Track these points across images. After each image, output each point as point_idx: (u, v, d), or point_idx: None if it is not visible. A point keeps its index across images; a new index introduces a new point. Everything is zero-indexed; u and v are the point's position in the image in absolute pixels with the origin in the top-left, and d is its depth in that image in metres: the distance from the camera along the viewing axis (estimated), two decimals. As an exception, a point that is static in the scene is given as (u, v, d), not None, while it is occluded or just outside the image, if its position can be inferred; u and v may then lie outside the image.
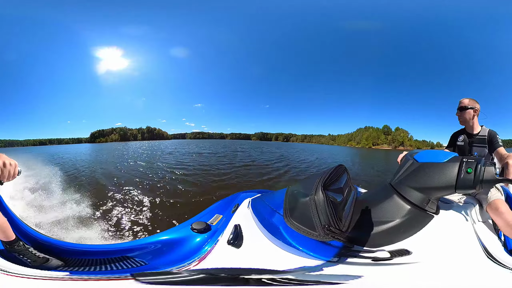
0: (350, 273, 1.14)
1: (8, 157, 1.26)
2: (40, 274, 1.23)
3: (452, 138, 2.58)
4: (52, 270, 1.36)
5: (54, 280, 1.21)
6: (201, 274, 1.23)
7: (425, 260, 1.15)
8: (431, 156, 1.46)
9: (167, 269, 1.37)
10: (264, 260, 1.24)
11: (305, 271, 1.17)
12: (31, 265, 1.38)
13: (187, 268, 1.34)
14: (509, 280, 1.14)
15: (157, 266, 1.45)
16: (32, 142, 71.19)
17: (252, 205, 1.72)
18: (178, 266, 1.37)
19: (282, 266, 1.20)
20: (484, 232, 1.49)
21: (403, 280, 1.11)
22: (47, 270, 1.34)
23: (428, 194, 1.35)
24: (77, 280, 1.23)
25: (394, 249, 1.21)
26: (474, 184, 1.28)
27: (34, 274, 1.23)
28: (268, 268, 1.19)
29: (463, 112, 2.39)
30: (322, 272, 1.17)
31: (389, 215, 1.33)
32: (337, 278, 1.14)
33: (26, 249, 1.44)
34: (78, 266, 1.46)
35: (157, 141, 71.88)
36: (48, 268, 1.40)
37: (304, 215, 1.24)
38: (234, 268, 1.24)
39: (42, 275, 1.23)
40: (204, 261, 1.36)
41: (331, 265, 1.18)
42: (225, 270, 1.24)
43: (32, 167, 10.35)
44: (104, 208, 5.83)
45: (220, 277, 1.21)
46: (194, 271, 1.30)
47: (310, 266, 1.19)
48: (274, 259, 1.24)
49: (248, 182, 9.74)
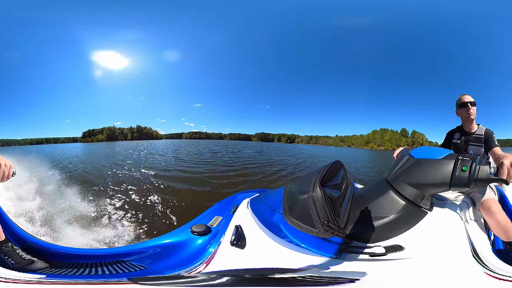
0: (352, 269, 1.16)
1: (3, 158, 1.24)
2: (15, 276, 1.22)
3: (448, 136, 2.55)
4: (32, 273, 1.34)
5: (27, 284, 1.20)
6: (218, 277, 1.23)
7: (416, 256, 1.17)
8: (427, 152, 1.48)
9: (174, 272, 1.36)
10: (271, 260, 1.25)
11: (310, 268, 1.18)
12: (12, 267, 1.37)
13: (197, 271, 1.33)
14: (486, 281, 1.16)
15: (159, 270, 1.44)
16: (29, 141, 69.24)
17: (251, 205, 1.72)
18: (186, 269, 1.36)
19: (288, 264, 1.20)
20: (475, 231, 1.51)
21: (396, 276, 1.13)
22: (28, 272, 1.33)
23: (422, 191, 1.37)
24: (54, 283, 1.22)
25: (389, 245, 1.23)
26: (468, 182, 1.29)
27: (11, 276, 1.22)
28: (276, 267, 1.20)
29: (473, 107, 2.31)
30: (328, 269, 1.17)
31: (385, 210, 1.34)
32: (341, 274, 1.15)
33: (14, 250, 1.44)
34: (65, 269, 1.44)
35: (145, 141, 66.34)
36: (30, 270, 1.38)
37: (303, 212, 1.25)
38: (246, 269, 1.24)
39: (16, 277, 1.22)
40: (212, 263, 1.35)
41: (334, 261, 1.19)
42: (240, 271, 1.24)
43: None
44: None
45: (235, 278, 1.21)
46: (208, 273, 1.29)
47: (316, 263, 1.20)
48: (280, 258, 1.24)
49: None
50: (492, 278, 1.16)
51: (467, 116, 2.33)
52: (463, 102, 2.34)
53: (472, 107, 2.31)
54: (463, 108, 2.34)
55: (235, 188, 8.22)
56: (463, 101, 2.35)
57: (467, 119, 2.35)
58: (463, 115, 2.37)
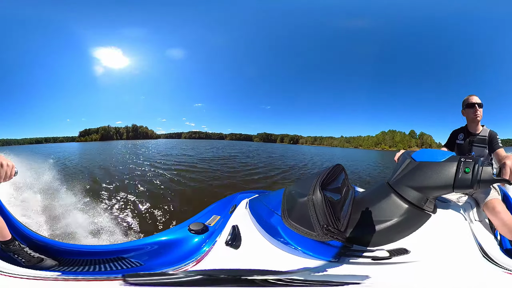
0: (351, 273, 1.14)
1: (5, 158, 1.26)
2: (32, 274, 1.23)
3: (452, 135, 2.51)
4: (45, 270, 1.35)
5: (46, 280, 1.21)
6: (198, 275, 1.22)
7: (423, 259, 1.16)
8: (429, 155, 1.47)
9: (162, 270, 1.36)
10: (263, 261, 1.23)
11: (306, 271, 1.17)
12: (25, 265, 1.38)
13: (184, 269, 1.33)
14: (503, 279, 1.15)
15: (153, 267, 1.44)
16: (28, 141, 69.91)
17: (250, 206, 1.71)
18: (174, 267, 1.36)
19: (282, 267, 1.19)
20: (481, 231, 1.50)
21: (403, 280, 1.11)
22: (40, 270, 1.34)
23: (425, 193, 1.36)
24: (68, 280, 1.23)
25: (393, 248, 1.21)
26: (472, 183, 1.28)
27: (27, 274, 1.23)
28: (268, 269, 1.18)
29: (480, 109, 2.28)
30: (323, 273, 1.16)
31: (387, 214, 1.33)
32: (338, 278, 1.13)
33: (22, 249, 1.45)
34: (72, 266, 1.46)
35: (139, 141, 64.09)
36: (41, 268, 1.40)
37: (303, 215, 1.24)
38: (232, 269, 1.23)
39: (34, 275, 1.23)
40: (202, 262, 1.34)
41: (331, 265, 1.17)
42: (223, 271, 1.23)
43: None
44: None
45: (218, 278, 1.20)
46: (191, 272, 1.29)
47: (311, 266, 1.18)
48: (274, 260, 1.23)
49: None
50: (508, 274, 1.15)
51: (473, 117, 2.30)
52: (470, 103, 2.30)
53: (479, 109, 2.28)
54: (470, 109, 2.31)
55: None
56: (470, 101, 2.31)
57: (474, 120, 2.31)
58: (469, 116, 2.33)
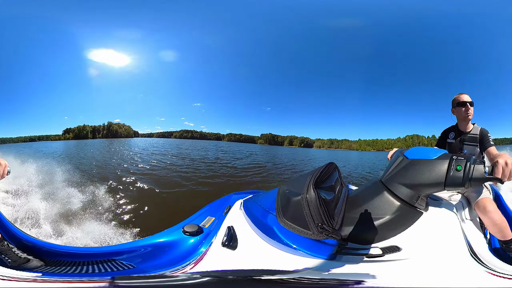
0: (347, 271, 1.15)
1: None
2: (13, 275, 1.24)
3: (443, 135, 2.48)
4: (28, 271, 1.35)
5: (23, 282, 1.21)
6: (205, 277, 1.21)
7: (414, 256, 1.17)
8: (421, 153, 1.48)
9: (159, 272, 1.34)
10: (261, 261, 1.23)
11: (304, 270, 1.17)
12: (9, 265, 1.38)
13: (183, 271, 1.32)
14: (486, 279, 1.16)
15: (146, 269, 1.42)
16: (23, 139, 68.84)
17: (244, 206, 1.70)
18: (172, 269, 1.35)
19: (280, 266, 1.19)
20: (471, 230, 1.52)
21: (394, 277, 1.12)
22: (24, 270, 1.35)
23: (417, 191, 1.37)
24: (47, 281, 1.23)
25: (385, 246, 1.23)
26: (463, 181, 1.28)
27: (8, 275, 1.23)
28: (266, 269, 1.18)
29: (472, 107, 2.25)
30: (319, 271, 1.16)
31: (380, 211, 1.34)
32: (334, 276, 1.14)
33: (10, 249, 1.45)
34: (59, 267, 1.45)
35: (109, 139, 60.05)
36: (25, 268, 1.39)
37: (297, 214, 1.24)
38: (233, 270, 1.23)
39: (13, 276, 1.23)
40: (200, 264, 1.33)
41: (327, 263, 1.18)
42: (226, 272, 1.23)
43: None
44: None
45: (219, 279, 1.20)
46: (192, 273, 1.28)
47: (307, 264, 1.18)
48: (271, 260, 1.23)
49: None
50: (492, 276, 1.17)
51: (465, 116, 2.26)
52: (461, 102, 2.27)
53: (471, 107, 2.24)
54: (460, 108, 2.27)
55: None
56: (461, 100, 2.27)
57: (465, 119, 2.28)
58: (460, 114, 2.30)
